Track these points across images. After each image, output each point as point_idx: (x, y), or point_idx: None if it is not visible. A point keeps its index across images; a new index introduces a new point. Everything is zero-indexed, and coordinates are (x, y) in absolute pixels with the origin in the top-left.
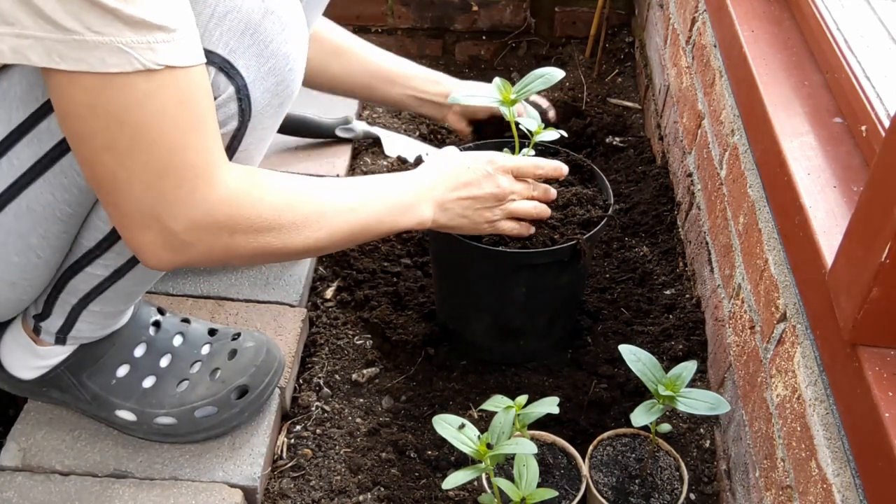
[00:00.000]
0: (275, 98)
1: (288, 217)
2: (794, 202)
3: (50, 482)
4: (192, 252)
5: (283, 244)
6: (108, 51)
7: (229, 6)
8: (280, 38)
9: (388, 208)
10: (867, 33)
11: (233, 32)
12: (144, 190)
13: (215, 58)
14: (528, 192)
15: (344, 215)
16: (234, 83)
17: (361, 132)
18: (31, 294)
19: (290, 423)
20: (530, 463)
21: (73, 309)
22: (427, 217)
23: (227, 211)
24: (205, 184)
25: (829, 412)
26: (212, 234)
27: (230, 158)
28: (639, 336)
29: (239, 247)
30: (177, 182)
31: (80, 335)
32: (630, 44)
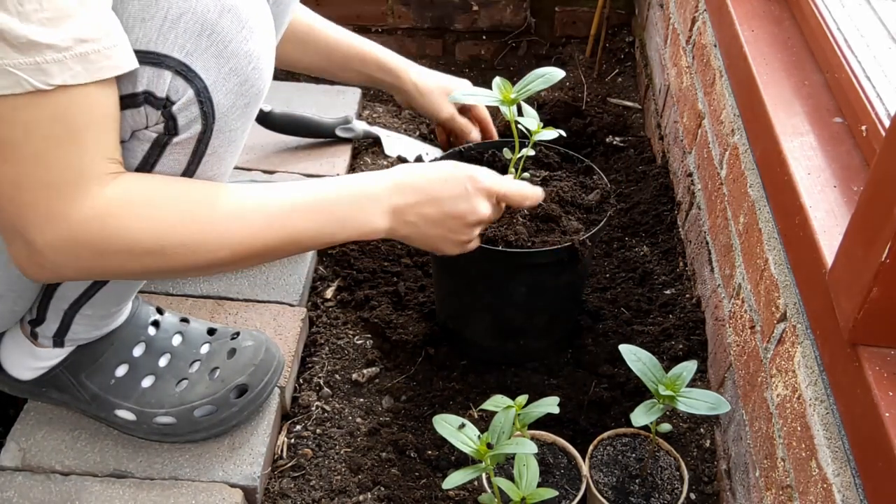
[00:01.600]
0: (240, 98)
1: (173, 239)
2: (795, 202)
3: (50, 482)
4: (60, 268)
5: (170, 265)
6: None
7: (183, 7)
8: (240, 37)
9: (327, 220)
10: (867, 33)
11: (189, 34)
12: (6, 201)
13: (171, 61)
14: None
15: (255, 231)
16: (193, 86)
17: (361, 132)
18: (21, 304)
19: (290, 423)
20: (530, 463)
21: (66, 313)
22: (379, 227)
23: (91, 230)
24: (66, 201)
25: (830, 412)
26: (75, 252)
27: (198, 163)
28: (639, 336)
29: (114, 267)
30: (34, 197)
31: (77, 337)
32: (630, 43)
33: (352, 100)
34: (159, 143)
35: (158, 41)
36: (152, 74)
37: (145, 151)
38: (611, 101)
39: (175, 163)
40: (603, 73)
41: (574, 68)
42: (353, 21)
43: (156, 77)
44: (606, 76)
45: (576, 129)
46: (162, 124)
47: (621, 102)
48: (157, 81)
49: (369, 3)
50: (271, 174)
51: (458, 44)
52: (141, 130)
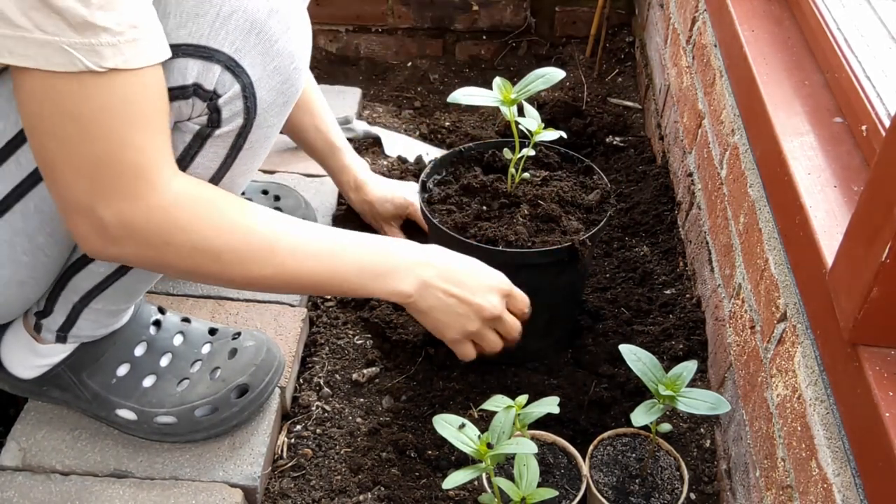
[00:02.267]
0: (280, 96)
1: (230, 243)
2: (795, 202)
3: (50, 482)
4: (123, 248)
5: (221, 270)
6: (53, 50)
7: (235, 6)
8: (285, 38)
9: (361, 268)
10: (867, 33)
11: (238, 31)
12: (82, 178)
13: (221, 56)
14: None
15: (301, 261)
16: (239, 81)
17: (362, 132)
18: (38, 292)
19: (290, 423)
20: (530, 463)
21: (75, 306)
22: (405, 291)
23: (164, 217)
24: (145, 184)
25: (830, 412)
26: (144, 236)
27: (235, 157)
28: (639, 336)
29: (172, 259)
30: (115, 175)
31: (81, 333)
32: (630, 43)
33: (352, 100)
34: (201, 135)
35: (210, 36)
36: (202, 68)
37: (187, 143)
38: (611, 101)
39: (214, 155)
40: (603, 73)
41: (574, 68)
42: (353, 21)
43: (206, 70)
44: (606, 76)
45: (576, 129)
46: (206, 116)
47: (621, 102)
48: (207, 75)
49: (369, 3)
50: (271, 174)
51: (458, 44)
52: (184, 122)
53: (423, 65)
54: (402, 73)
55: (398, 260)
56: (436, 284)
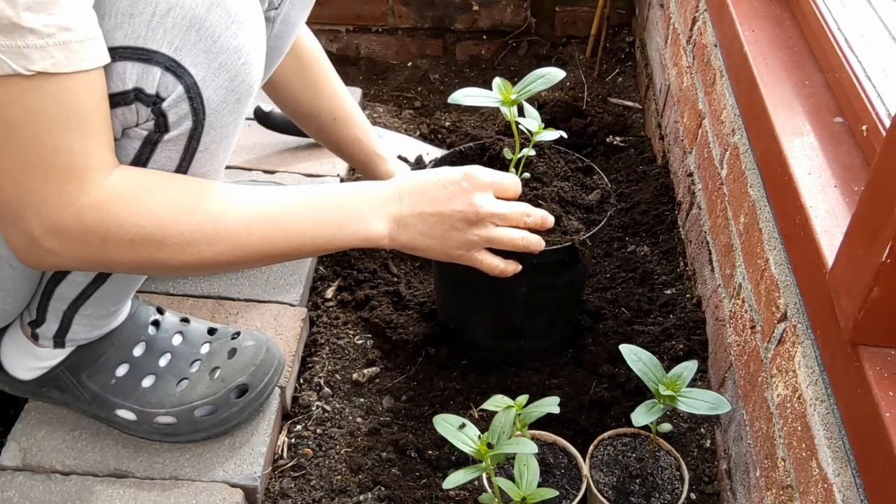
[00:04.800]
0: (230, 94)
1: (173, 228)
2: (795, 202)
3: (50, 482)
4: (62, 255)
5: (171, 256)
6: None
7: (171, 2)
8: (229, 32)
9: (323, 222)
10: (868, 33)
11: (177, 29)
12: (11, 185)
13: (160, 57)
14: (516, 216)
15: (255, 228)
16: (182, 82)
17: None
18: (15, 305)
19: (290, 423)
20: (531, 462)
21: (66, 314)
22: (379, 233)
23: (97, 216)
24: (74, 186)
25: (830, 412)
26: (80, 238)
27: (190, 159)
28: (639, 336)
29: (115, 256)
30: (43, 180)
31: (78, 337)
32: (631, 43)
33: None
34: (150, 140)
35: (147, 37)
36: (141, 71)
37: (137, 149)
38: (611, 101)
39: (167, 160)
40: (603, 73)
41: (574, 68)
42: (354, 21)
43: (145, 73)
44: (607, 76)
45: (576, 129)
46: (152, 121)
47: (622, 102)
48: (147, 78)
49: (369, 3)
50: (271, 174)
51: (459, 44)
52: (132, 128)
53: (423, 65)
54: (402, 73)
55: (360, 203)
56: (407, 213)
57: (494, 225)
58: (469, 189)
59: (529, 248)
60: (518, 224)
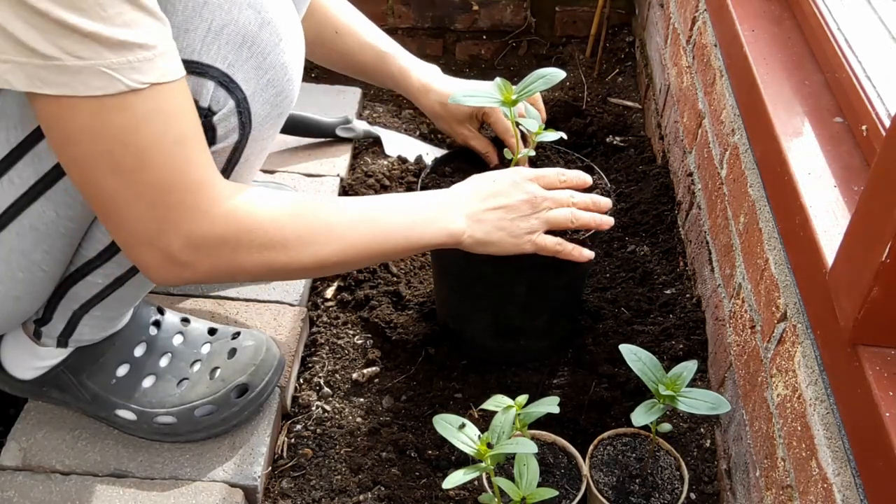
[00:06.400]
0: (274, 109)
1: (291, 230)
2: (795, 202)
3: (50, 482)
4: (196, 269)
5: (290, 259)
6: (90, 74)
7: (225, 19)
8: (277, 50)
9: (411, 220)
10: (868, 33)
11: (230, 46)
12: (148, 208)
13: (214, 72)
14: (564, 198)
15: (357, 228)
16: (233, 97)
17: (362, 132)
18: (34, 306)
19: (290, 423)
20: (531, 462)
21: (74, 314)
22: (459, 228)
23: (228, 224)
24: (206, 198)
25: (830, 412)
26: (214, 249)
27: (231, 171)
28: (639, 335)
29: (243, 263)
30: (180, 198)
31: (82, 338)
32: (630, 43)
33: (352, 100)
34: None
35: (202, 51)
36: (196, 84)
37: None
38: (611, 101)
39: None
40: (603, 72)
41: (574, 68)
42: None
43: (199, 87)
44: (606, 76)
45: (576, 129)
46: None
47: (621, 102)
48: (201, 91)
49: (369, 3)
50: (271, 174)
51: (459, 44)
52: None
53: None
54: None
55: (438, 203)
56: (477, 209)
57: (548, 209)
58: (520, 182)
59: (578, 223)
60: (566, 204)
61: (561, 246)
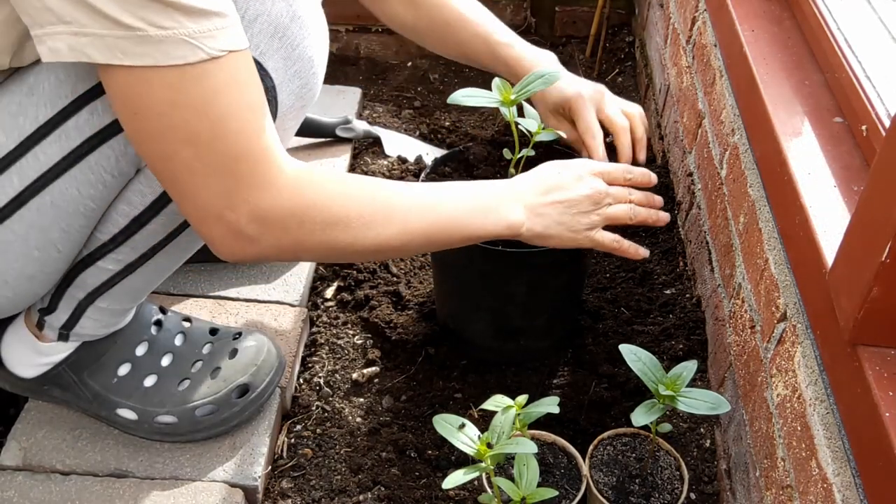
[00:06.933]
0: (298, 100)
1: (354, 209)
2: (795, 202)
3: (50, 482)
4: (262, 243)
5: (353, 239)
6: (172, 44)
7: (259, 10)
8: (306, 43)
9: (471, 208)
10: (868, 33)
11: (263, 35)
12: (220, 179)
13: None
14: (624, 194)
15: (417, 212)
16: (264, 84)
17: (362, 132)
18: (45, 287)
19: (290, 423)
20: (530, 462)
21: (80, 304)
22: (519, 219)
23: (293, 198)
24: (275, 168)
25: (830, 412)
26: (281, 223)
27: None
28: (639, 335)
29: (307, 239)
30: (250, 167)
31: (84, 332)
32: (630, 43)
33: (352, 100)
34: None
35: None
36: None
37: None
38: None
39: None
40: (603, 72)
41: (574, 68)
42: (353, 21)
43: None
44: (606, 76)
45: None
46: None
47: None
48: None
49: None
50: None
51: None
52: None
53: (423, 64)
54: (402, 73)
55: (497, 194)
56: (538, 202)
57: (608, 204)
58: (584, 176)
59: (637, 219)
60: (625, 200)
61: (618, 243)
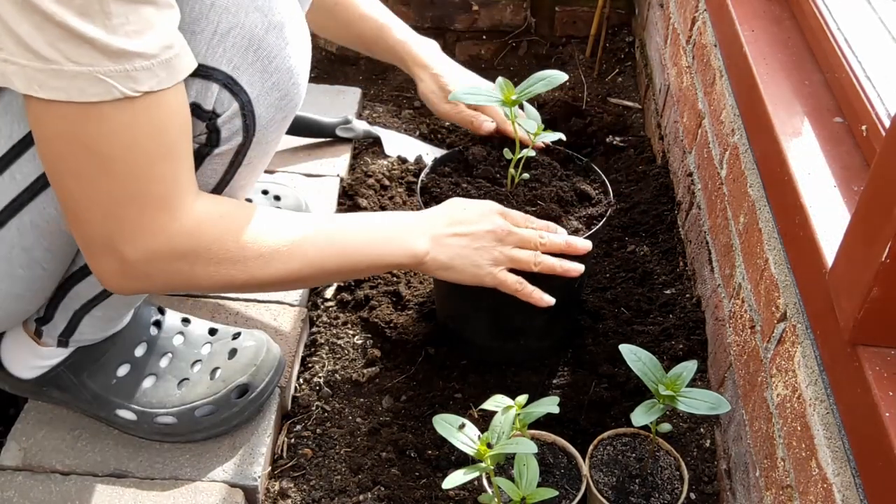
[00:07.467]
0: (279, 112)
1: (253, 249)
2: (795, 202)
3: (50, 482)
4: (151, 281)
5: (251, 276)
6: (87, 80)
7: (232, 22)
8: (283, 54)
9: (374, 239)
10: (868, 33)
11: (236, 49)
12: (105, 217)
13: (219, 75)
14: (531, 236)
15: (319, 246)
16: (238, 100)
17: (361, 132)
18: (36, 304)
19: (290, 423)
20: (530, 462)
21: (76, 314)
22: (423, 249)
23: (188, 242)
24: (167, 214)
25: (830, 412)
26: (171, 264)
27: (234, 173)
28: (639, 335)
29: (200, 277)
30: (138, 211)
31: (83, 338)
32: (630, 43)
33: (352, 100)
34: (200, 154)
35: (207, 54)
36: (200, 87)
37: None
38: (611, 101)
39: (212, 172)
40: (603, 72)
41: (574, 68)
42: None
43: (204, 89)
44: (606, 76)
45: (576, 129)
46: (205, 136)
47: (621, 102)
48: (206, 94)
49: None
50: (271, 174)
51: (458, 44)
52: None
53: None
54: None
55: (404, 223)
56: (444, 233)
57: (513, 244)
58: (489, 213)
59: (541, 267)
60: (533, 245)
61: (521, 286)
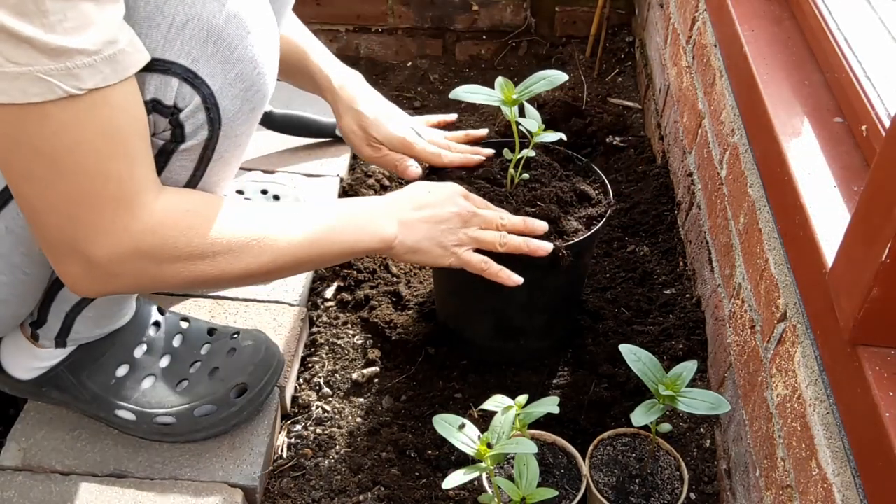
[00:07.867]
0: (245, 104)
1: (222, 244)
2: (795, 202)
3: (50, 482)
4: (118, 282)
5: (221, 271)
6: (28, 80)
7: (189, 14)
8: (245, 43)
9: (344, 227)
10: (868, 33)
11: (194, 41)
12: (63, 220)
13: (178, 68)
14: (492, 216)
15: (290, 237)
16: (199, 93)
17: None
18: (25, 309)
19: (290, 423)
20: (530, 462)
21: (68, 315)
22: (390, 233)
23: (152, 240)
24: (127, 213)
25: (830, 412)
26: (136, 263)
27: (205, 168)
28: (639, 336)
29: (168, 276)
30: (95, 212)
31: (79, 336)
32: (630, 43)
33: None
34: (166, 150)
35: (165, 48)
36: (159, 82)
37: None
38: (611, 101)
39: (182, 168)
40: (603, 73)
41: (574, 68)
42: (353, 21)
43: (163, 85)
44: (606, 76)
45: (576, 129)
46: (169, 131)
47: (621, 102)
48: (165, 89)
49: (369, 3)
50: (271, 174)
51: (458, 44)
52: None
53: (423, 65)
54: (402, 73)
55: (372, 208)
56: (410, 217)
57: (478, 226)
58: (453, 195)
59: (507, 247)
60: (495, 226)
61: (486, 265)
